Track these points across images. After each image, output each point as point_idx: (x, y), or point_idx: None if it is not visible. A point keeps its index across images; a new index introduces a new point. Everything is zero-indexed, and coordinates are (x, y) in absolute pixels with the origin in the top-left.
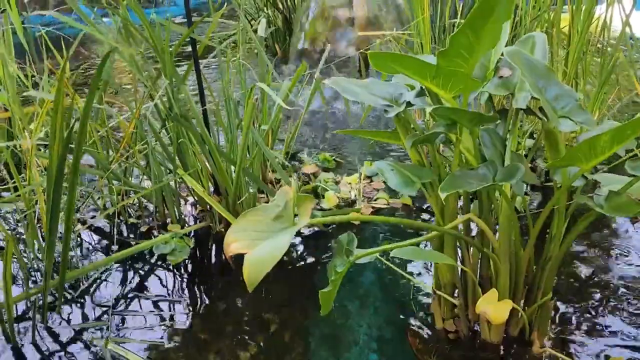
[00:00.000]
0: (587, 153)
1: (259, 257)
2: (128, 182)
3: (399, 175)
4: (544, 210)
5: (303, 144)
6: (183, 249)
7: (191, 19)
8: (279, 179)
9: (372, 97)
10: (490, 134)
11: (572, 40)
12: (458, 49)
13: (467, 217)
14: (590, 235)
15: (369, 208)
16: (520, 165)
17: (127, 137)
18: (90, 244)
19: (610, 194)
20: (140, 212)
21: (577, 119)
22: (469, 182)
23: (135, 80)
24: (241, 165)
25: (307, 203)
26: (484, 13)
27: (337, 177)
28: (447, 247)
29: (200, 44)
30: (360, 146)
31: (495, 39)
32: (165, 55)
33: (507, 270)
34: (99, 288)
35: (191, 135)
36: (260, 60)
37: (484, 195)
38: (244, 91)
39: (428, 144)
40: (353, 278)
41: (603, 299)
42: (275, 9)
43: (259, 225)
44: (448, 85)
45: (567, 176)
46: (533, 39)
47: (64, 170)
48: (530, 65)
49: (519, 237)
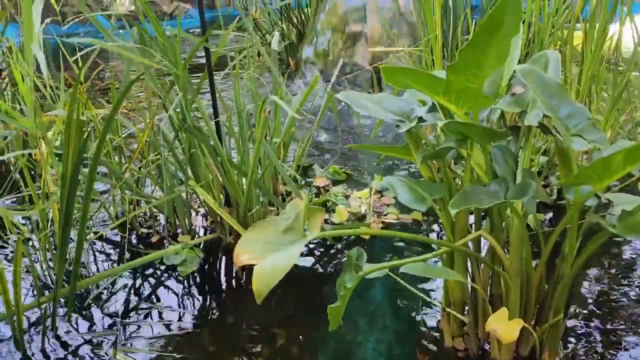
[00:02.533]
0: (600, 172)
1: (268, 268)
2: (140, 192)
3: (410, 191)
4: (556, 228)
5: (314, 155)
6: (193, 259)
7: (206, 31)
8: (289, 191)
9: (384, 112)
10: (502, 150)
11: (586, 59)
12: (466, 63)
13: (478, 234)
14: (603, 254)
15: (379, 223)
16: (532, 183)
17: (140, 147)
18: (101, 253)
19: (623, 214)
20: (151, 222)
21: (590, 138)
22: (480, 198)
23: (150, 91)
24: (252, 178)
25: (317, 215)
26: (491, 28)
27: (347, 191)
28: (458, 263)
29: (214, 54)
30: (371, 159)
31: (504, 54)
32: (179, 67)
33: (518, 288)
34: (109, 297)
35: (203, 147)
36: (273, 74)
37: (495, 212)
38: (255, 104)
39: (439, 160)
40: (362, 293)
41: (615, 318)
42: (290, 23)
43: (269, 237)
44: (459, 100)
45: (579, 195)
46: (546, 57)
47: (77, 179)
48: (543, 83)
49: (530, 255)
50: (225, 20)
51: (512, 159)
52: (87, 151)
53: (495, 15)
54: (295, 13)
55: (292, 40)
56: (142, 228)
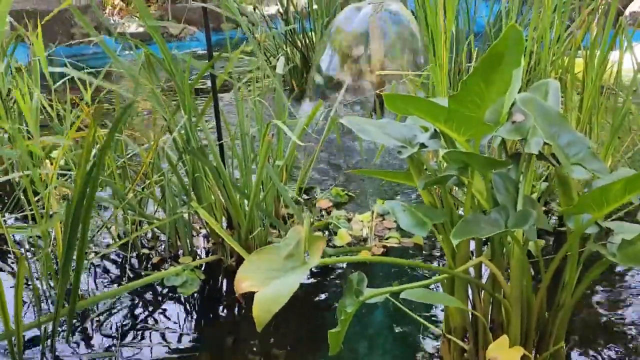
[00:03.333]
0: (599, 201)
1: (269, 296)
2: (143, 212)
3: (411, 216)
4: (557, 256)
5: (316, 179)
6: (194, 281)
7: (212, 55)
8: (291, 213)
9: (387, 138)
10: (503, 178)
11: (586, 87)
12: (469, 94)
13: (479, 261)
14: (604, 281)
15: (381, 247)
16: (532, 211)
17: (144, 167)
18: (102, 273)
19: (624, 243)
20: (153, 243)
21: (590, 167)
22: (481, 227)
23: (155, 113)
24: (255, 200)
25: (319, 243)
26: (494, 60)
27: (349, 214)
28: (458, 290)
29: (219, 78)
30: (374, 181)
31: (505, 85)
32: (185, 89)
33: (519, 316)
34: (108, 318)
35: (207, 169)
36: (277, 97)
37: (496, 239)
38: (259, 127)
39: (440, 186)
40: (363, 317)
41: (617, 347)
42: (294, 47)
43: (271, 264)
44: (461, 128)
45: (579, 223)
46: (546, 86)
47: (84, 201)
48: (544, 111)
49: (531, 282)
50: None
51: (513, 186)
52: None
53: (497, 48)
54: (300, 37)
55: (296, 63)
56: (143, 248)
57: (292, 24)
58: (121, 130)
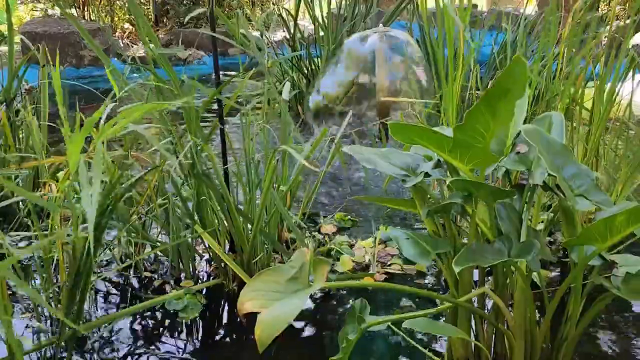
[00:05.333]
0: (602, 232)
1: (272, 317)
2: (146, 235)
3: (414, 245)
4: (560, 288)
5: (321, 205)
6: (195, 305)
7: (220, 78)
8: (294, 238)
9: (390, 167)
10: (507, 207)
11: (594, 118)
12: (474, 124)
13: (482, 291)
14: (609, 313)
15: (383, 273)
16: (535, 242)
17: (149, 190)
18: (103, 295)
19: (628, 276)
20: (155, 266)
21: (594, 199)
22: (484, 256)
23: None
24: (258, 225)
25: (323, 267)
26: (500, 93)
27: (352, 240)
28: (461, 320)
29: (226, 105)
30: (378, 207)
31: (510, 115)
32: (192, 114)
33: (522, 347)
34: (108, 342)
35: (211, 193)
36: (283, 123)
37: (500, 270)
38: (265, 152)
39: (444, 214)
40: (364, 345)
41: None
42: (300, 72)
43: (274, 286)
44: (465, 158)
45: (583, 255)
46: (550, 119)
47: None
48: (547, 143)
49: (535, 314)
50: (236, 67)
51: (517, 216)
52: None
53: (502, 81)
54: (306, 63)
55: (301, 89)
56: (145, 272)
57: (298, 50)
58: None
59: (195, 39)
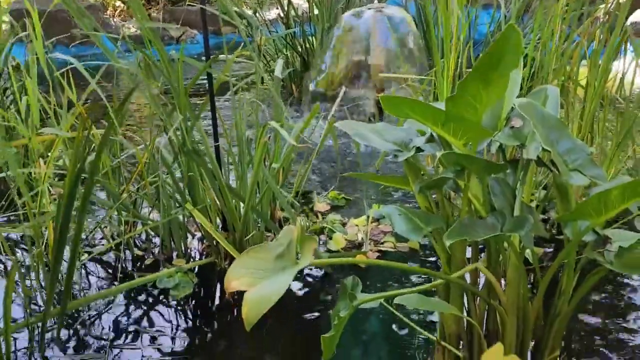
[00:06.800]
0: (597, 207)
1: (259, 295)
2: (137, 213)
3: (407, 221)
4: (553, 264)
5: (315, 183)
6: (187, 284)
7: (210, 56)
8: (287, 217)
9: (383, 142)
10: (500, 183)
11: (588, 95)
12: (466, 96)
13: (474, 267)
14: (601, 290)
15: (376, 251)
16: (529, 217)
17: (140, 167)
18: (94, 274)
19: (621, 251)
20: (146, 245)
21: (589, 173)
22: (476, 231)
23: (152, 113)
24: (250, 203)
25: (310, 244)
26: (491, 62)
27: (344, 218)
28: (454, 297)
29: (217, 80)
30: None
31: (504, 86)
32: (180, 90)
33: (514, 324)
34: (99, 319)
35: (202, 171)
36: (275, 100)
37: (493, 246)
38: (258, 129)
39: (437, 190)
40: (356, 324)
41: (613, 356)
42: (294, 51)
43: (261, 264)
44: (458, 132)
45: (577, 230)
46: (545, 92)
47: (74, 199)
48: (542, 117)
49: (527, 290)
50: (230, 47)
51: (510, 192)
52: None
53: (495, 50)
54: (300, 41)
55: (296, 67)
56: (137, 250)
57: (292, 27)
58: (116, 130)
59: (188, 17)
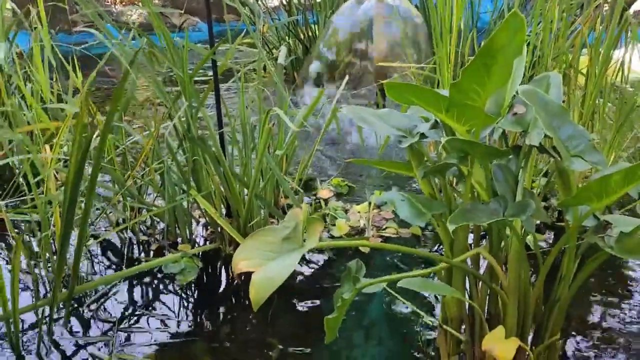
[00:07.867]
0: (598, 192)
1: (266, 276)
2: (142, 199)
3: (410, 206)
4: (554, 249)
5: (318, 170)
6: (192, 269)
7: (214, 44)
8: (291, 204)
9: (387, 128)
10: (503, 169)
11: (589, 82)
12: (470, 82)
13: (476, 251)
14: (602, 275)
15: (378, 237)
16: (531, 202)
17: (144, 154)
18: (101, 258)
19: (621, 236)
20: (151, 230)
21: (590, 159)
22: (479, 216)
23: (155, 99)
24: (254, 189)
25: (317, 226)
26: (495, 48)
27: (346, 205)
28: (456, 281)
29: (221, 66)
30: (374, 171)
31: (507, 73)
32: (185, 77)
33: (516, 308)
34: (106, 303)
35: (207, 157)
36: (278, 88)
37: (495, 231)
38: (260, 115)
39: (440, 176)
40: (359, 308)
41: (613, 340)
42: (297, 39)
43: (268, 246)
44: (462, 118)
45: (578, 215)
46: (548, 79)
47: (79, 184)
48: (545, 104)
49: (529, 274)
50: (233, 35)
51: (512, 178)
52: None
53: (498, 36)
54: (303, 29)
55: (298, 55)
56: (142, 235)
57: (295, 15)
58: (121, 117)
59: (190, 5)
